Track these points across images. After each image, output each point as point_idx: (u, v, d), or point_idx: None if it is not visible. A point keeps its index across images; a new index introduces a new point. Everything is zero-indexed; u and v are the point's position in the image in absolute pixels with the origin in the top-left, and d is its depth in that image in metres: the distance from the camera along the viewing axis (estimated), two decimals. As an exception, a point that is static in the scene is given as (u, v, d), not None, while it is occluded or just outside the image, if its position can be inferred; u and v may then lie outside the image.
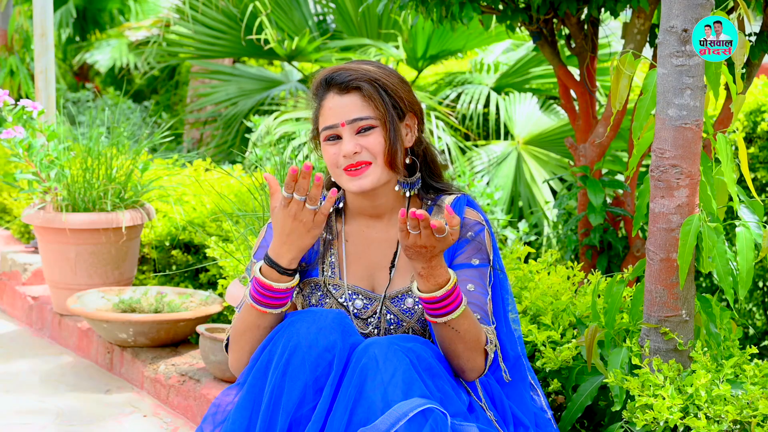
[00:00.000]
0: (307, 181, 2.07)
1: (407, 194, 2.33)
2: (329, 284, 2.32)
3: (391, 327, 2.31)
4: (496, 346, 2.25)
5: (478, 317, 2.24)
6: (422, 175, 2.35)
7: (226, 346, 2.28)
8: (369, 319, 2.31)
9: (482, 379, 2.27)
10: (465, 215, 2.31)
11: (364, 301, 2.31)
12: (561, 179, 5.73)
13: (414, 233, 2.02)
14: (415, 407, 1.96)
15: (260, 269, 2.15)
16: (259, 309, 2.15)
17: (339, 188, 2.37)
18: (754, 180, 4.44)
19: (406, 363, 2.02)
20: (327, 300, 2.31)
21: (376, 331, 2.31)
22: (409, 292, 2.30)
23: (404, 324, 2.31)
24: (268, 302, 2.15)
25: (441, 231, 2.01)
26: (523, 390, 2.33)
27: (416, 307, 2.30)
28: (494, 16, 3.68)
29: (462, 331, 2.14)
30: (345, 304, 2.31)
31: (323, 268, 2.33)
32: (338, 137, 2.26)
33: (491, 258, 2.31)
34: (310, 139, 2.39)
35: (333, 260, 2.34)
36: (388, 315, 2.30)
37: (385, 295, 2.31)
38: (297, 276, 2.18)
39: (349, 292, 2.32)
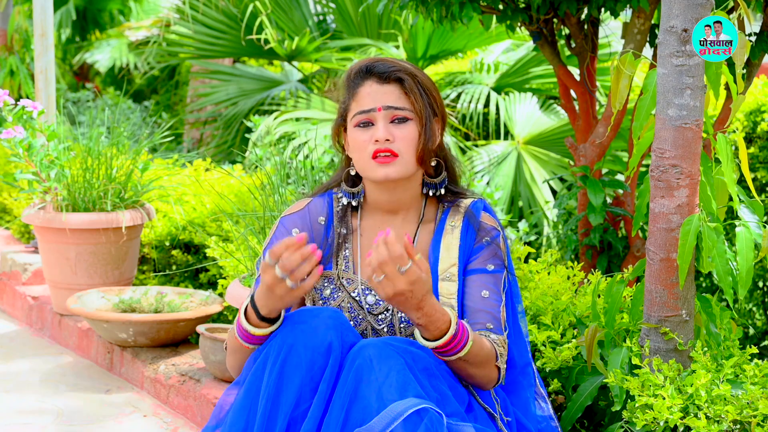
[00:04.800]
0: (294, 256, 2.00)
1: (429, 193, 2.33)
2: (343, 278, 2.31)
3: (402, 325, 2.30)
4: (506, 356, 2.25)
5: (491, 326, 2.24)
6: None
7: (227, 346, 2.29)
8: (380, 316, 2.30)
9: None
10: (481, 219, 2.32)
11: (377, 297, 2.31)
12: (561, 179, 5.73)
13: (384, 281, 2.00)
14: (410, 407, 1.95)
15: (246, 308, 2.13)
16: (242, 344, 2.16)
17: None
18: (754, 180, 4.44)
19: (401, 363, 2.02)
20: (339, 294, 2.31)
21: (387, 328, 2.30)
22: None
23: (402, 326, 2.31)
24: (249, 340, 2.15)
25: (401, 259, 1.98)
26: (529, 397, 2.33)
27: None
28: (494, 16, 3.68)
29: (472, 360, 2.16)
30: (357, 298, 2.30)
31: (337, 261, 2.33)
32: (371, 123, 2.26)
33: (506, 264, 2.31)
34: (334, 130, 2.37)
35: (348, 254, 2.33)
36: (400, 313, 2.30)
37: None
38: (279, 322, 2.13)
39: (362, 287, 2.31)
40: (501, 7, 3.61)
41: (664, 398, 2.16)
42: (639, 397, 2.18)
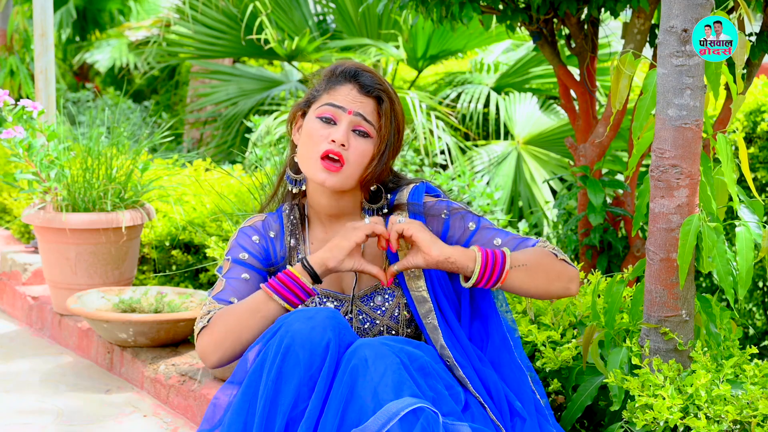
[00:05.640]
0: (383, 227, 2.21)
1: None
2: None
3: (366, 326, 2.31)
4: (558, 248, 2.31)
5: (529, 243, 2.30)
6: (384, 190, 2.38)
7: (202, 329, 2.26)
8: None
9: (477, 366, 2.26)
10: (425, 202, 2.35)
11: (335, 304, 2.32)
12: (561, 179, 5.73)
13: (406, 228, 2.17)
14: (405, 406, 1.95)
15: (294, 269, 2.20)
16: (279, 302, 2.19)
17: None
18: (754, 180, 4.44)
19: (397, 363, 2.02)
20: (299, 307, 2.31)
21: None
22: (377, 290, 2.31)
23: (378, 322, 2.31)
24: (290, 297, 2.19)
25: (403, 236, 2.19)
26: (515, 369, 2.32)
27: (386, 304, 2.31)
28: (494, 16, 3.68)
29: (531, 263, 2.21)
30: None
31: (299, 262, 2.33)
32: (333, 122, 2.27)
33: (475, 213, 2.34)
34: (292, 112, 2.38)
35: None
36: (360, 315, 2.31)
37: (353, 295, 2.32)
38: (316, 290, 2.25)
39: (320, 297, 2.33)
40: (501, 7, 3.61)
41: (664, 398, 2.16)
42: (639, 397, 2.18)
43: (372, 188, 2.33)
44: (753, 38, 3.44)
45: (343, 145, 2.24)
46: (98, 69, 9.16)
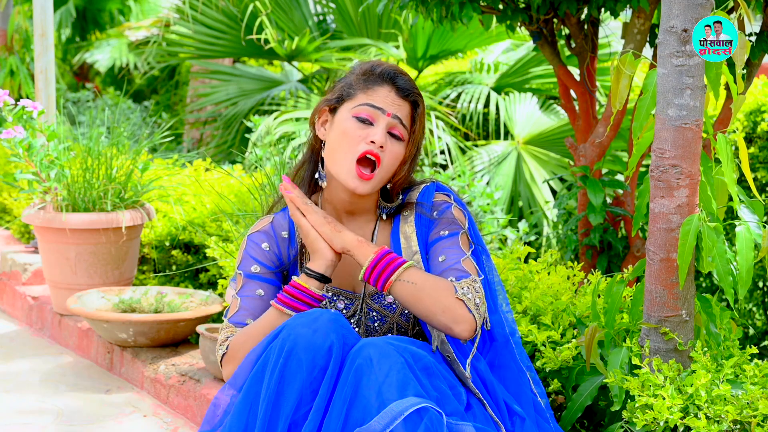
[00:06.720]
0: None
1: (382, 215, 2.36)
2: None
3: (376, 324, 2.31)
4: (481, 296, 2.19)
5: (453, 278, 2.21)
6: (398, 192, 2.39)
7: (222, 356, 2.27)
8: (352, 319, 2.32)
9: (475, 364, 2.25)
10: (434, 199, 2.33)
11: (346, 302, 2.32)
12: (561, 179, 5.73)
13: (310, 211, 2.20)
14: (410, 406, 1.95)
15: (301, 279, 2.21)
16: (286, 312, 2.19)
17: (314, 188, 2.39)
18: (754, 180, 4.44)
19: (401, 362, 2.02)
20: None
21: (360, 330, 2.31)
22: None
23: (388, 320, 2.32)
24: (302, 309, 2.20)
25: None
26: (516, 371, 2.31)
27: (397, 301, 2.30)
28: (494, 16, 3.68)
29: (419, 282, 2.15)
30: (327, 307, 2.31)
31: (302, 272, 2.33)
32: (370, 123, 2.26)
33: (466, 227, 2.31)
34: (320, 106, 2.34)
35: None
36: (371, 313, 2.31)
37: (364, 293, 2.32)
38: (325, 289, 2.24)
39: (330, 294, 2.32)
40: (501, 7, 3.61)
41: (664, 398, 2.16)
42: (639, 397, 2.19)
43: (388, 186, 2.34)
44: (753, 38, 3.44)
45: (381, 147, 2.24)
46: (98, 69, 9.17)
